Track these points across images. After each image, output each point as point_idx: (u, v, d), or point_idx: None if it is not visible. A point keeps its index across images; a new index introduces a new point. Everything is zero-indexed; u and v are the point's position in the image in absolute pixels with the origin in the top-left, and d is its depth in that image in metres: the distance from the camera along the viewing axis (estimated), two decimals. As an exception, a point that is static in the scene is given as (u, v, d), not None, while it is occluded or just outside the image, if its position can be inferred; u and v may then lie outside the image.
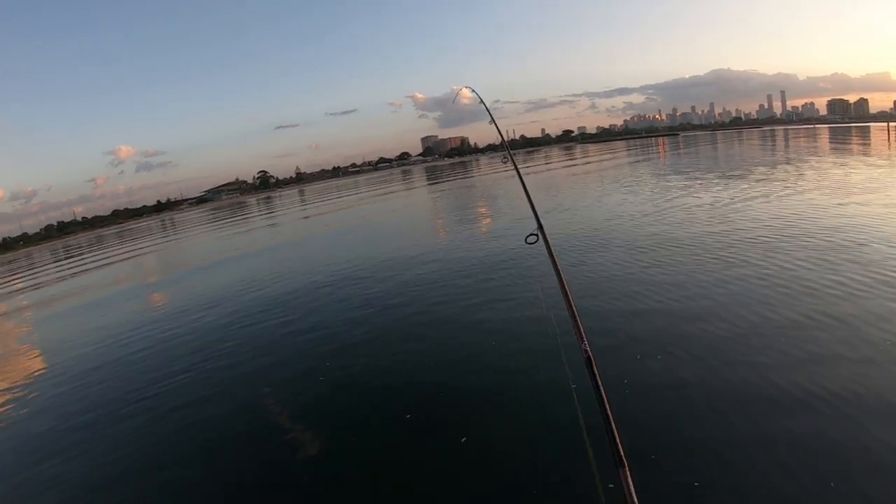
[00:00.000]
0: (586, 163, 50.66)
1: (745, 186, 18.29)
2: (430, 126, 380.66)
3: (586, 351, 2.28)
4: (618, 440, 1.84)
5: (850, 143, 37.14)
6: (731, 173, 23.45)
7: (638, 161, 42.59)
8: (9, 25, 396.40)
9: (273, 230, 33.77)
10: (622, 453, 1.80)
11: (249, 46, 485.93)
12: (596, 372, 2.14)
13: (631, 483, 1.75)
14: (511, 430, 5.08)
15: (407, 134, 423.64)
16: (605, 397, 2.01)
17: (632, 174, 30.79)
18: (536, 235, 3.51)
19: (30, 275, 37.88)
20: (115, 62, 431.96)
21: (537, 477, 4.29)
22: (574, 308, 2.62)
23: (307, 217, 39.48)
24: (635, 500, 1.72)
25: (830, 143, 39.80)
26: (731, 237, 10.89)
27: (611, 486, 3.92)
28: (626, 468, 1.78)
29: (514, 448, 4.78)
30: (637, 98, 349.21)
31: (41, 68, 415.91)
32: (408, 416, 5.68)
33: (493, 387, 6.02)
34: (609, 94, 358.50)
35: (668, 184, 22.47)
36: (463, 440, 5.00)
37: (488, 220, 20.44)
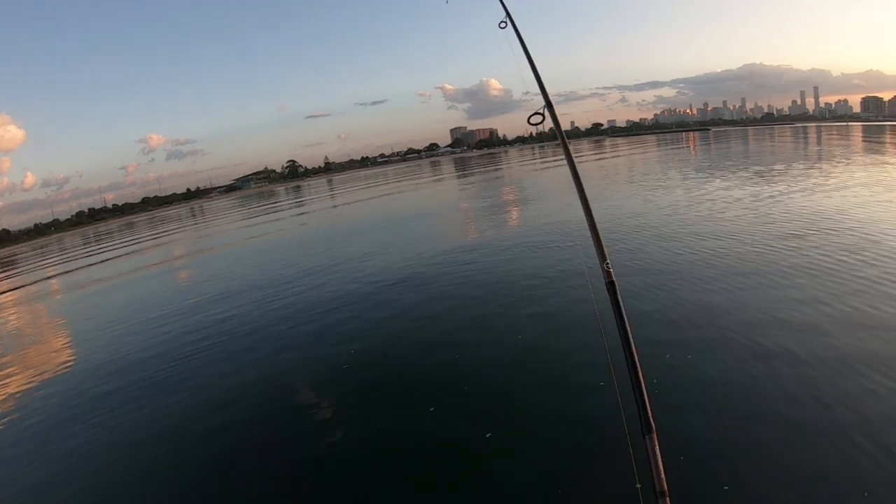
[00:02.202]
0: (615, 156, 49.96)
1: (786, 181, 17.75)
2: (459, 117, 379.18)
3: (608, 272, 2.23)
4: (647, 404, 1.89)
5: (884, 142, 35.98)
6: (769, 168, 22.81)
7: (668, 155, 41.87)
8: (46, 20, 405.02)
9: (302, 218, 33.89)
10: (651, 419, 1.86)
11: (280, 36, 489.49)
12: (619, 296, 2.13)
13: (657, 448, 1.83)
14: (539, 428, 4.92)
15: (436, 125, 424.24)
16: (625, 320, 2.05)
17: (663, 169, 30.19)
18: (542, 115, 3.06)
19: (60, 258, 38.76)
20: (146, 53, 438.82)
21: (566, 478, 4.14)
22: (597, 229, 2.48)
23: (335, 206, 39.59)
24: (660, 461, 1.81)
25: (864, 141, 38.59)
26: (768, 231, 10.53)
27: (638, 486, 3.76)
28: (654, 434, 1.85)
29: (541, 445, 4.62)
30: (668, 92, 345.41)
31: (75, 60, 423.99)
32: (431, 408, 5.55)
33: (519, 382, 5.84)
34: (640, 87, 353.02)
35: (704, 178, 21.96)
36: (488, 435, 4.84)
37: (517, 211, 20.21)
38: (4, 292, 23.91)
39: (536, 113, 3.05)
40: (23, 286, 25.10)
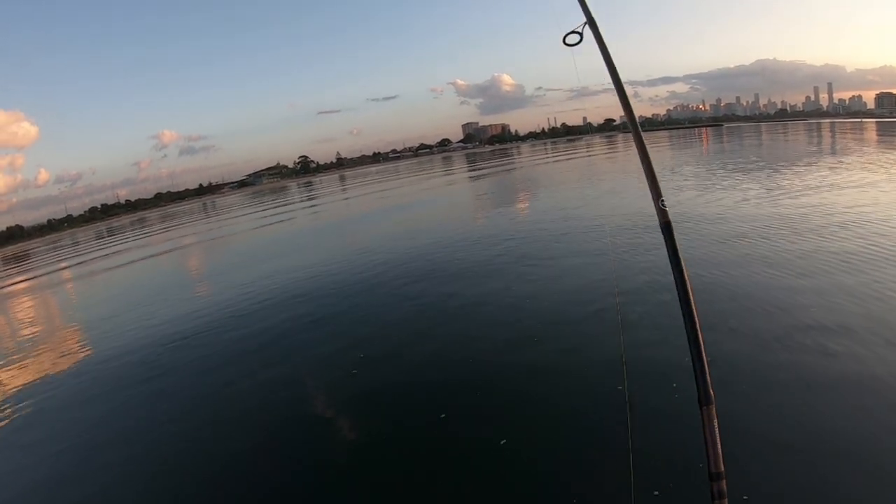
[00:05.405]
0: (627, 150, 49.56)
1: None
2: (471, 113, 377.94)
3: (663, 211, 1.92)
4: (707, 374, 1.74)
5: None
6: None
7: (680, 151, 41.50)
8: (58, 18, 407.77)
9: (315, 212, 33.84)
10: (710, 388, 1.72)
11: (292, 32, 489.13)
12: (675, 239, 1.87)
13: (715, 420, 1.69)
14: (553, 434, 4.72)
15: (448, 120, 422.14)
16: (682, 265, 1.80)
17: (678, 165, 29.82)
18: (580, 34, 2.38)
19: (74, 252, 39.06)
20: (158, 49, 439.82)
21: (581, 483, 3.96)
22: (651, 166, 2.20)
23: (347, 201, 39.49)
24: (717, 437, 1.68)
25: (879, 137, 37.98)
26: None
27: (656, 493, 3.58)
28: (713, 406, 1.71)
29: (555, 453, 4.43)
30: (681, 87, 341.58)
31: (88, 55, 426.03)
32: (442, 415, 5.36)
33: (533, 386, 5.63)
34: (652, 82, 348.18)
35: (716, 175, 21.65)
36: (502, 442, 4.66)
37: (526, 207, 19.97)
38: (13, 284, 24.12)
39: (573, 32, 2.32)
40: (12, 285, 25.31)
